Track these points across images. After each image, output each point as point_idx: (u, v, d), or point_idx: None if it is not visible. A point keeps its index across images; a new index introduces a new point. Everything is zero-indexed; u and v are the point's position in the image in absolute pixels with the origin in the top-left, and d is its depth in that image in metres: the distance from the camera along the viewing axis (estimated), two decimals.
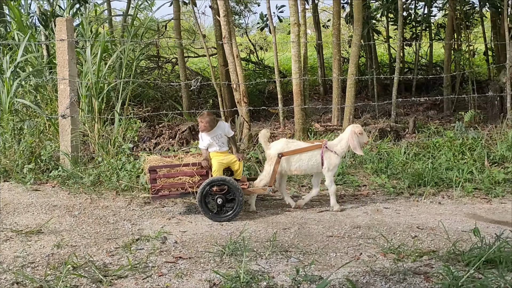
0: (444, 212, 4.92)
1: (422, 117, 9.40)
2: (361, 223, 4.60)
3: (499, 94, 8.23)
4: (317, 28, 11.54)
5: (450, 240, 3.98)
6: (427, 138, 7.10)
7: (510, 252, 3.58)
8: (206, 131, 4.89)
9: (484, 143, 6.66)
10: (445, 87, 9.77)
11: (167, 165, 4.97)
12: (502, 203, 5.21)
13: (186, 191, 4.86)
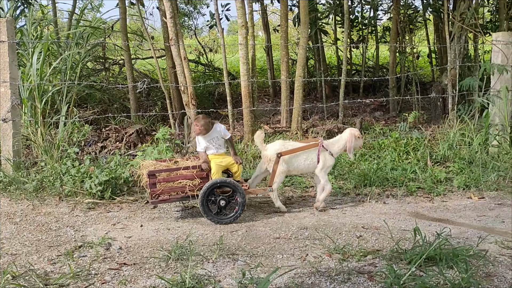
0: (388, 212, 5.03)
1: (369, 118, 9.58)
2: (308, 224, 4.63)
3: (442, 96, 8.49)
4: (266, 30, 11.60)
5: (394, 239, 4.07)
6: (373, 139, 7.24)
7: (450, 249, 3.69)
8: (202, 134, 4.86)
9: (427, 143, 6.86)
10: (391, 88, 10.02)
11: (167, 169, 4.89)
12: (443, 201, 5.37)
13: (186, 195, 4.82)
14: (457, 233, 4.32)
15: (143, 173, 4.94)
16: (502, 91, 6.87)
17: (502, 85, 6.90)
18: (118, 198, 5.48)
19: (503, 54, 6.89)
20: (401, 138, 6.97)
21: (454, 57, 8.05)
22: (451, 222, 4.68)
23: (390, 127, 8.22)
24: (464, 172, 5.95)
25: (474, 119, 7.28)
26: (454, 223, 4.63)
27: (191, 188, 4.81)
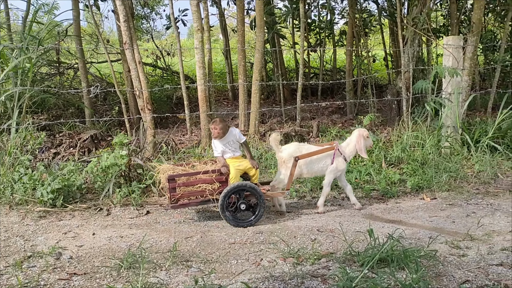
0: (343, 214, 5.07)
1: (327, 120, 9.67)
2: (264, 228, 4.63)
3: (396, 98, 8.65)
4: (224, 34, 11.58)
5: (347, 242, 4.10)
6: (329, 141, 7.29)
7: (401, 250, 3.74)
8: (219, 138, 4.88)
9: (382, 146, 6.96)
10: (348, 91, 10.16)
11: (187, 173, 4.86)
12: (397, 202, 5.45)
13: (206, 199, 4.79)
14: (409, 234, 4.39)
15: (161, 177, 4.94)
16: (453, 93, 7.04)
17: (453, 88, 7.07)
18: (70, 206, 5.35)
19: (454, 58, 7.06)
20: None
21: (407, 60, 8.21)
22: (404, 223, 4.76)
23: (346, 129, 8.31)
24: (417, 174, 6.07)
25: (427, 121, 7.44)
26: (406, 224, 4.71)
27: (211, 192, 4.80)
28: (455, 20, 9.26)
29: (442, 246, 4.09)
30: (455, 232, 4.45)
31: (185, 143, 7.59)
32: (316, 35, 12.48)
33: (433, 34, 10.89)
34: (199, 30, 6.95)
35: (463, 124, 7.19)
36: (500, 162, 6.60)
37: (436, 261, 3.74)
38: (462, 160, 6.56)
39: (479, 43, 10.43)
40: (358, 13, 10.46)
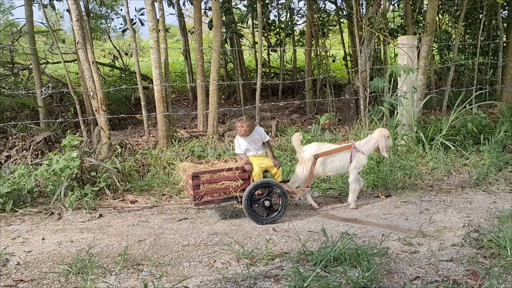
0: (299, 214, 5.08)
1: (287, 120, 9.69)
2: (219, 229, 4.58)
3: (354, 97, 8.73)
4: (183, 34, 11.47)
5: (301, 241, 4.10)
6: (288, 141, 7.30)
7: (354, 248, 3.76)
8: (246, 135, 4.87)
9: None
10: (307, 91, 10.21)
11: (211, 171, 4.86)
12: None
13: (229, 196, 4.81)
14: (363, 232, 4.42)
15: (182, 175, 5.00)
16: (408, 92, 7.15)
17: (408, 86, 7.18)
18: (20, 211, 5.18)
19: (409, 57, 7.17)
20: (314, 140, 7.08)
21: (365, 60, 8.30)
22: (359, 221, 4.79)
23: (305, 129, 8.34)
24: (373, 172, 6.12)
25: (383, 120, 7.53)
26: (361, 222, 4.74)
27: (234, 189, 4.83)
28: (410, 20, 9.41)
29: (394, 243, 4.13)
30: (408, 229, 4.50)
31: (142, 145, 7.47)
32: (276, 35, 12.50)
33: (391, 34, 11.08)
34: (154, 30, 6.84)
35: (419, 122, 7.31)
36: (453, 159, 6.73)
37: (388, 259, 3.77)
38: (417, 158, 6.66)
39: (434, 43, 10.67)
40: (316, 13, 10.53)
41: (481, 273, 3.47)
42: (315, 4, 10.43)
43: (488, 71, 9.82)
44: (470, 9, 10.41)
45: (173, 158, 6.58)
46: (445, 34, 11.94)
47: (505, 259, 3.67)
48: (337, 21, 11.56)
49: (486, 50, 10.75)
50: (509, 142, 7.26)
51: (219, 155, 6.77)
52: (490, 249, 3.88)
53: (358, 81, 8.44)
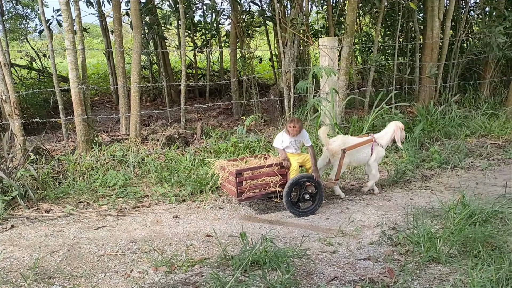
0: (222, 217, 5.01)
1: (213, 122, 9.61)
2: (138, 236, 4.43)
3: (279, 98, 8.78)
4: (105, 35, 11.11)
5: (222, 246, 4.03)
6: (214, 143, 7.23)
7: (274, 251, 3.74)
8: (295, 135, 5.05)
9: (264, 145, 7.00)
10: (233, 92, 10.16)
11: (253, 167, 5.04)
12: (276, 202, 5.48)
13: (269, 191, 5.00)
14: (285, 234, 4.42)
15: (219, 173, 5.24)
16: (330, 92, 7.26)
17: (330, 87, 7.30)
18: None
19: (330, 58, 7.29)
20: (240, 142, 7.05)
21: (288, 61, 8.36)
22: (281, 222, 4.79)
23: (231, 130, 8.30)
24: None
25: (307, 120, 7.61)
26: (283, 224, 4.74)
27: (274, 184, 5.02)
28: (331, 22, 9.58)
29: (315, 244, 4.15)
30: (328, 229, 4.55)
31: (60, 150, 7.15)
32: (202, 36, 12.38)
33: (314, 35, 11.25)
34: (70, 30, 6.55)
35: (341, 122, 7.44)
36: None
37: (308, 260, 3.79)
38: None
39: (355, 44, 10.94)
40: (241, 15, 10.51)
41: (396, 270, 3.55)
42: (239, 5, 10.40)
43: (407, 71, 10.17)
44: (388, 12, 10.77)
45: (93, 164, 6.34)
46: (366, 35, 12.28)
47: (419, 255, 3.78)
48: (261, 22, 11.59)
49: (404, 51, 11.14)
50: (425, 140, 7.53)
51: (143, 159, 6.60)
52: (405, 246, 3.99)
53: (282, 82, 8.49)
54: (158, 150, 6.91)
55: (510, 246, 3.78)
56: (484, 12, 10.79)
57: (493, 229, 4.11)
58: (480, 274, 3.23)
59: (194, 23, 11.85)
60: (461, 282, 3.29)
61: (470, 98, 9.76)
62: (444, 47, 9.69)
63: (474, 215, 4.19)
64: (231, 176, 5.00)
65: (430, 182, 6.08)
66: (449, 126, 7.99)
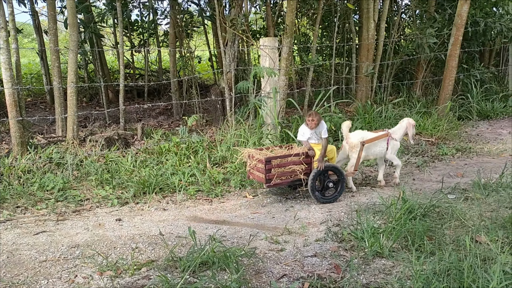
0: (167, 218, 4.94)
1: (153, 122, 9.47)
2: (80, 241, 4.30)
3: (221, 98, 8.77)
4: (38, 33, 10.70)
5: (169, 247, 3.99)
6: (155, 144, 7.12)
7: (223, 251, 3.73)
8: (314, 128, 5.34)
9: (207, 146, 6.97)
10: (173, 92, 10.06)
11: (281, 156, 5.30)
12: (221, 202, 5.48)
13: (295, 178, 5.29)
14: (232, 233, 4.43)
15: (247, 160, 5.52)
16: (271, 92, 7.33)
17: (271, 87, 7.36)
18: None
19: (270, 58, 7.35)
20: (182, 142, 6.98)
21: (229, 61, 8.36)
22: (228, 222, 4.79)
23: (172, 131, 8.21)
24: (240, 172, 6.17)
25: (249, 120, 7.65)
26: (230, 224, 4.74)
27: (300, 172, 5.30)
28: (271, 23, 9.67)
29: (262, 243, 4.18)
30: (274, 227, 4.59)
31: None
32: (139, 36, 12.16)
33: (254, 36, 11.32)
34: (3, 29, 6.27)
35: (282, 121, 7.53)
36: None
37: (256, 259, 3.81)
38: None
39: (294, 45, 11.09)
40: (179, 14, 10.41)
41: (342, 266, 3.63)
42: (178, 4, 10.30)
43: (344, 71, 10.43)
44: (326, 13, 10.99)
45: (29, 167, 6.09)
46: (304, 36, 12.49)
47: (363, 250, 3.89)
48: (200, 22, 11.54)
49: (341, 52, 11.43)
50: None
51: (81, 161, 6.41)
52: (350, 242, 4.10)
53: (223, 82, 8.49)
54: (97, 151, 6.73)
55: (448, 238, 3.96)
56: (415, 14, 11.25)
57: (432, 222, 4.30)
58: (423, 266, 3.36)
59: (131, 22, 11.63)
60: (405, 275, 3.42)
61: (404, 97, 10.13)
62: (379, 48, 10.02)
63: (414, 210, 4.36)
64: (260, 163, 5.25)
65: (370, 179, 6.26)
66: (386, 124, 8.25)
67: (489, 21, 10.12)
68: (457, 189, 5.48)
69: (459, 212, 4.50)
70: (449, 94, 9.72)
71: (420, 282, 3.14)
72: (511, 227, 4.03)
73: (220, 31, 8.27)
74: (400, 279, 3.35)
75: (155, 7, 11.01)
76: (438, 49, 10.18)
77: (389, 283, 3.33)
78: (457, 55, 9.60)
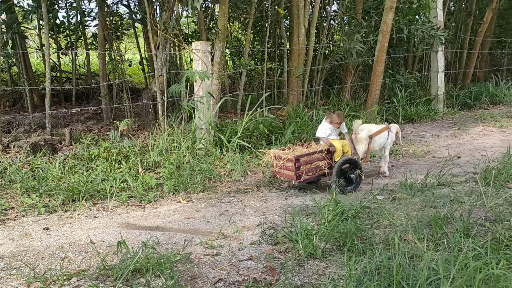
0: (98, 226, 4.79)
1: (82, 127, 9.18)
2: (5, 252, 4.08)
3: (152, 102, 8.63)
4: None
5: (100, 256, 3.87)
6: (84, 149, 6.90)
7: (156, 258, 3.67)
8: (339, 126, 6.05)
9: (139, 151, 6.84)
10: (103, 96, 9.81)
11: (308, 153, 5.80)
12: (154, 208, 5.39)
13: (320, 173, 5.86)
14: (166, 239, 4.36)
15: (272, 160, 5.97)
16: (204, 96, 7.30)
17: (204, 91, 7.34)
18: None
19: (203, 62, 7.33)
20: (113, 147, 6.81)
21: (161, 64, 8.25)
22: (161, 228, 4.71)
23: (103, 136, 7.99)
24: (173, 177, 6.09)
25: (182, 124, 7.58)
26: (164, 229, 4.67)
27: (324, 167, 5.84)
28: (203, 27, 9.64)
29: (197, 248, 4.15)
30: (209, 232, 4.57)
31: None
32: (66, 37, 11.77)
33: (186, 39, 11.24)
34: None
35: (215, 125, 7.51)
36: (249, 160, 7.06)
37: (191, 264, 3.77)
38: (215, 160, 6.83)
39: (227, 49, 11.11)
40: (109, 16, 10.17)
41: (277, 268, 3.67)
42: (107, 6, 10.06)
43: (276, 75, 10.57)
44: (257, 18, 11.10)
45: None
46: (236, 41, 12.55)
47: (298, 252, 3.94)
48: (131, 25, 11.32)
49: (273, 56, 11.57)
50: (296, 141, 7.88)
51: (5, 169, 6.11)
52: (284, 244, 4.14)
53: (155, 86, 8.36)
54: (22, 158, 6.44)
55: (378, 238, 4.10)
56: (343, 21, 11.58)
57: (362, 223, 4.43)
58: (355, 266, 3.45)
59: (57, 23, 11.23)
60: (338, 275, 3.49)
61: (334, 101, 10.39)
62: (309, 53, 10.22)
63: (345, 211, 4.47)
64: (289, 162, 5.66)
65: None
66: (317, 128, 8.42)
67: (412, 28, 10.57)
68: (386, 190, 5.68)
69: (388, 212, 4.66)
70: (377, 98, 10.06)
71: (353, 281, 3.22)
72: (436, 225, 4.22)
73: (151, 34, 8.15)
74: (333, 279, 3.42)
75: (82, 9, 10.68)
76: (365, 55, 10.52)
77: (323, 283, 3.39)
78: (383, 60, 9.97)
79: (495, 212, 4.52)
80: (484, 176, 5.76)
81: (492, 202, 4.82)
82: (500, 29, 15.74)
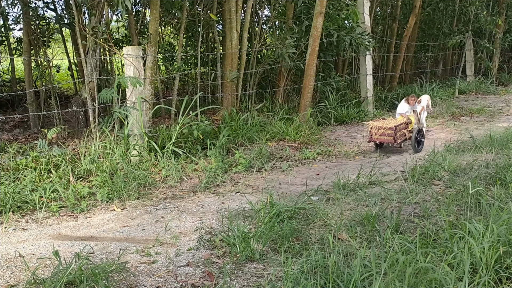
0: (28, 238, 4.60)
1: (8, 136, 8.79)
2: None
3: (83, 109, 8.39)
4: None
5: (31, 269, 3.71)
6: (10, 159, 6.60)
7: (90, 268, 3.56)
8: (413, 104, 8.24)
9: (70, 159, 6.63)
10: (30, 103, 9.44)
11: (400, 124, 7.75)
12: (88, 217, 5.23)
13: (405, 138, 7.95)
14: (100, 249, 4.26)
15: (371, 129, 7.81)
16: (136, 102, 7.18)
17: (137, 97, 7.21)
18: None
19: (135, 67, 7.21)
20: (42, 156, 6.56)
21: (91, 70, 8.03)
22: (95, 238, 4.58)
23: (30, 145, 7.68)
24: (107, 185, 5.94)
25: (115, 131, 7.41)
26: (98, 239, 4.55)
27: (407, 134, 7.98)
28: (134, 31, 9.49)
29: (133, 256, 4.07)
30: (145, 239, 4.49)
31: None
32: None
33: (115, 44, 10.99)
34: None
35: (149, 131, 7.40)
36: (184, 165, 6.99)
37: (127, 273, 3.70)
38: (150, 167, 6.73)
39: (159, 54, 10.99)
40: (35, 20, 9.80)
41: (216, 273, 3.66)
42: (33, 10, 9.68)
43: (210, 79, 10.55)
44: (190, 23, 11.04)
45: None
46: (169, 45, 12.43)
47: (235, 255, 3.95)
48: (58, 29, 10.95)
49: (206, 61, 11.55)
50: (231, 145, 7.90)
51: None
52: (222, 248, 4.14)
53: (85, 92, 8.13)
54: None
55: (313, 238, 4.18)
56: (275, 25, 11.73)
57: (298, 224, 4.50)
58: (292, 266, 3.50)
59: None
60: (275, 276, 3.53)
61: (268, 105, 10.50)
62: (242, 57, 10.28)
63: (281, 213, 4.53)
64: (389, 130, 7.54)
65: (238, 185, 6.38)
66: (252, 131, 8.49)
67: (341, 34, 10.86)
68: (320, 190, 5.80)
69: (322, 212, 4.76)
70: (309, 101, 10.26)
71: (290, 282, 3.27)
72: (368, 223, 4.35)
73: (80, 39, 7.93)
74: (271, 280, 3.46)
75: (6, 12, 10.21)
76: (297, 59, 10.70)
77: (261, 285, 3.42)
78: (314, 64, 10.18)
79: (423, 208, 4.73)
80: (412, 174, 6.01)
81: (420, 199, 5.05)
82: (423, 33, 16.52)
